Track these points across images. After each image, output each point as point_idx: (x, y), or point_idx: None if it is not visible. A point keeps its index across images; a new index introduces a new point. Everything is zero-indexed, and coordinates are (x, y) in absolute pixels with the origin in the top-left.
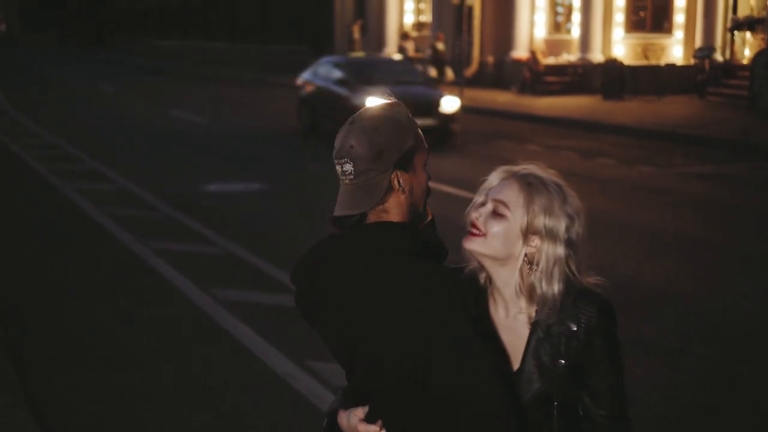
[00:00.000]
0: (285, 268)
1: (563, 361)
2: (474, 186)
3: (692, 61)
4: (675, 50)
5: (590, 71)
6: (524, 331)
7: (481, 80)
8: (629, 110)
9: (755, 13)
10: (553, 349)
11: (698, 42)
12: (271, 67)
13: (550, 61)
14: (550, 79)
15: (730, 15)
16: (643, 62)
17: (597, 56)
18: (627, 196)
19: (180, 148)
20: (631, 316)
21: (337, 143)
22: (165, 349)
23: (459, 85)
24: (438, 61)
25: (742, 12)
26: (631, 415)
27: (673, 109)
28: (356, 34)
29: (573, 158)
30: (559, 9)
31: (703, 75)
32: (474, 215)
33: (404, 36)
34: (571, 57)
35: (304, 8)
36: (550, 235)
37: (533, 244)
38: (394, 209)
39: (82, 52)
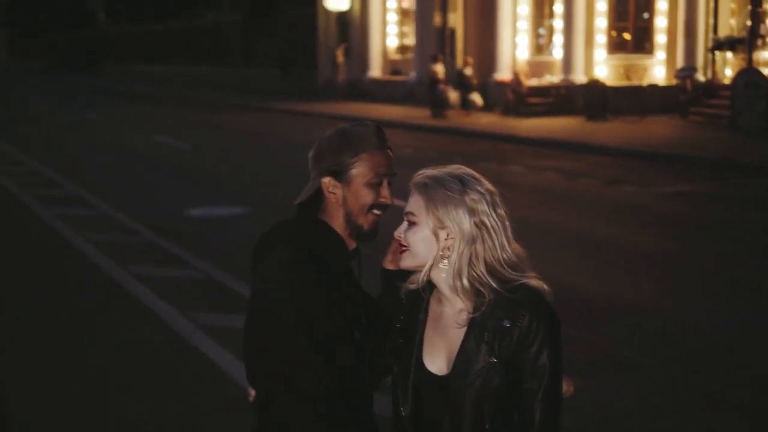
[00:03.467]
0: None
1: (494, 359)
2: None
3: (674, 82)
4: (657, 71)
5: (573, 92)
6: (464, 328)
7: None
8: (612, 130)
9: (736, 33)
10: (487, 347)
11: (680, 62)
12: (254, 92)
13: (533, 82)
14: (534, 100)
15: (711, 35)
16: (625, 83)
17: (580, 77)
18: (608, 215)
19: (163, 173)
20: (609, 334)
21: None
22: (144, 375)
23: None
24: (464, 86)
25: (723, 32)
26: (560, 424)
27: (656, 129)
28: (340, 58)
29: (556, 179)
30: (541, 31)
31: (685, 95)
32: (396, 234)
33: (434, 58)
34: (554, 78)
35: (288, 33)
36: (457, 223)
37: (450, 238)
38: (331, 212)
39: (66, 79)
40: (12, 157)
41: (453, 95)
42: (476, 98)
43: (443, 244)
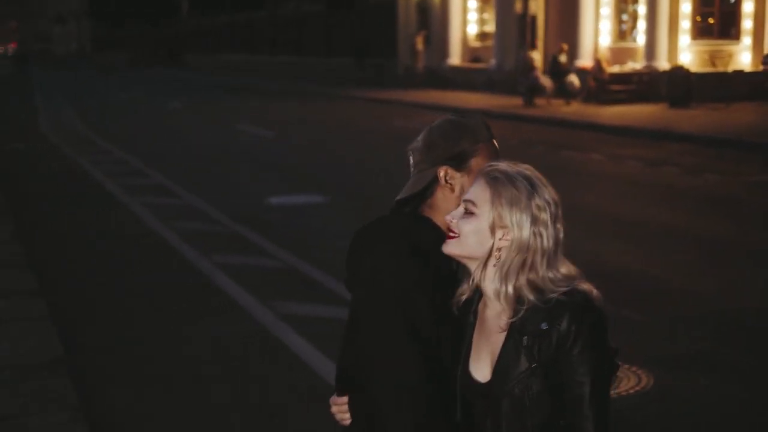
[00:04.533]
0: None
1: (534, 364)
2: None
3: (761, 68)
4: (743, 57)
5: (656, 79)
6: (504, 332)
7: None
8: (696, 118)
9: None
10: (527, 351)
11: (767, 48)
12: (335, 80)
13: (615, 69)
14: (615, 87)
15: None
16: (710, 69)
17: (663, 64)
18: (691, 205)
19: (245, 161)
20: (692, 328)
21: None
22: (224, 366)
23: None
24: (560, 72)
25: None
26: None
27: (741, 116)
28: (419, 45)
29: (638, 167)
30: (624, 17)
31: None
32: (448, 218)
33: (532, 45)
34: (636, 65)
35: (369, 22)
36: (517, 227)
37: (506, 237)
38: (440, 205)
39: (151, 70)
40: (99, 147)
41: (547, 82)
42: (574, 80)
43: (498, 244)
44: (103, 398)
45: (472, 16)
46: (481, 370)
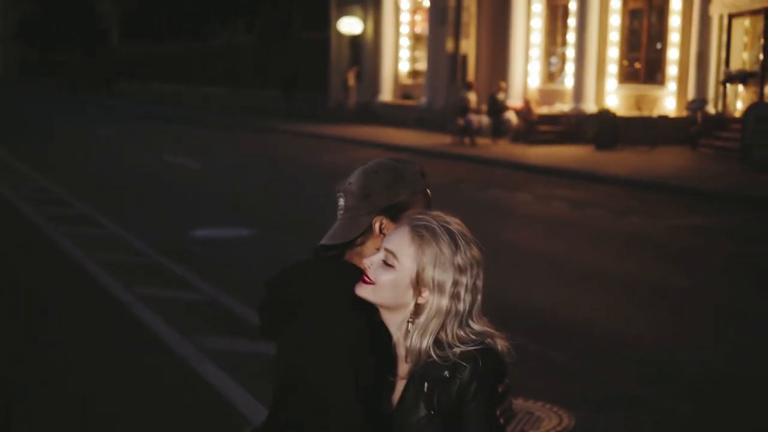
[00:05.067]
0: None
1: (432, 412)
2: None
3: (685, 113)
4: (668, 102)
5: (583, 121)
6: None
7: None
8: (621, 160)
9: (748, 67)
10: (426, 398)
11: (691, 94)
12: (265, 113)
13: (544, 110)
14: (544, 128)
15: (722, 68)
16: (636, 113)
17: (590, 106)
18: (615, 246)
19: (172, 192)
20: (616, 368)
21: (345, 180)
22: (144, 400)
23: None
24: (496, 110)
25: (735, 65)
26: None
27: (666, 160)
28: (351, 81)
29: (564, 208)
30: (553, 59)
31: (696, 127)
32: (366, 263)
33: (468, 85)
34: (564, 107)
35: (301, 55)
36: (438, 288)
37: (423, 295)
38: (368, 254)
39: (80, 98)
40: (22, 174)
41: (485, 120)
42: (512, 117)
43: (419, 300)
44: None
45: (404, 53)
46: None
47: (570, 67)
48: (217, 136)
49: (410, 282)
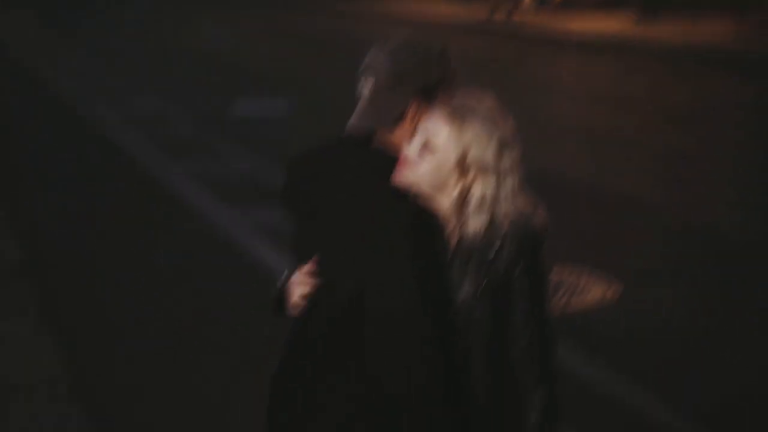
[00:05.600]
0: None
1: (480, 288)
2: None
3: None
4: None
5: None
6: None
7: None
8: (665, 32)
9: None
10: (474, 277)
11: None
12: None
13: None
14: None
15: None
16: None
17: None
18: (658, 118)
19: (213, 68)
20: (653, 243)
21: (367, 59)
22: (184, 271)
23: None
24: None
25: None
26: (551, 369)
27: (711, 29)
28: None
29: (605, 80)
30: None
31: None
32: (406, 149)
33: None
34: None
35: None
36: (481, 167)
37: (468, 176)
38: (398, 142)
39: None
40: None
41: None
42: None
43: (463, 182)
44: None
45: None
46: None
47: None
48: (242, 13)
49: (453, 165)
